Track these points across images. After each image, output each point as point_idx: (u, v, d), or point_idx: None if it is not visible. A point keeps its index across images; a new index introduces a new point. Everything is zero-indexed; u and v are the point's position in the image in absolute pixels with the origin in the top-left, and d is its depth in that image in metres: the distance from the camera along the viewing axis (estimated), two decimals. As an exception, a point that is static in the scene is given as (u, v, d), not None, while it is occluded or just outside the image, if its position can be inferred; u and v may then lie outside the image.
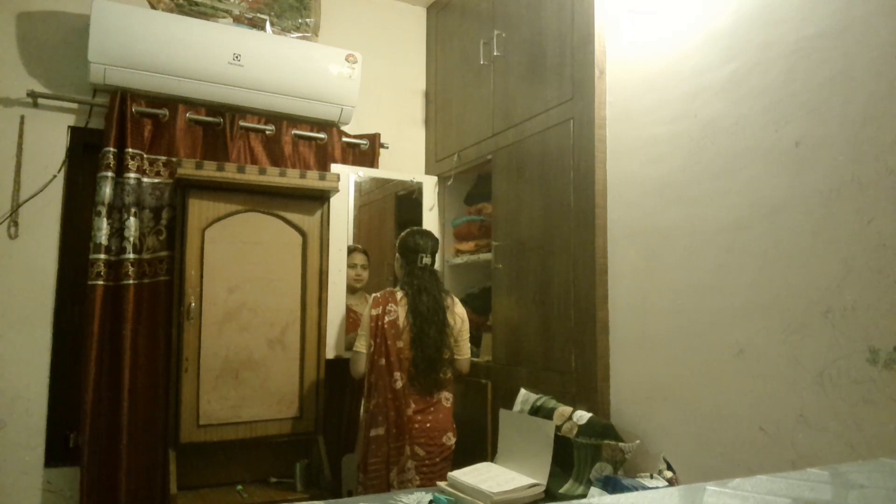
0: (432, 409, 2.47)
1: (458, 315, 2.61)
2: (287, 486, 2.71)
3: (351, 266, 3.09)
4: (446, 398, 2.52)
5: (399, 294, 2.55)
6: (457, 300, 2.67)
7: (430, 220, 3.30)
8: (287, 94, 2.99)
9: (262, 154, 3.04)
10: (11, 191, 2.66)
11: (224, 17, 3.04)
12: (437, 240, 2.70)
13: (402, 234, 2.69)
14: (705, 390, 1.85)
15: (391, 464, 2.39)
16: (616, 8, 2.28)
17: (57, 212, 2.74)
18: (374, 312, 2.51)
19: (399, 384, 2.43)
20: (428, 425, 2.44)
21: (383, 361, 2.45)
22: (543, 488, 1.99)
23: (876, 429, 1.42)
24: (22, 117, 2.70)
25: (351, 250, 3.12)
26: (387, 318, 2.49)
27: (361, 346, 2.50)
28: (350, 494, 2.93)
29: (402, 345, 2.46)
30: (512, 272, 2.68)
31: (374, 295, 2.58)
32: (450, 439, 2.48)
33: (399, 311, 2.50)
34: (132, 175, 2.72)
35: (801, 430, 1.58)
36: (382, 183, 3.33)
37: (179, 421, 2.56)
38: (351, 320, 3.03)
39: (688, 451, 1.90)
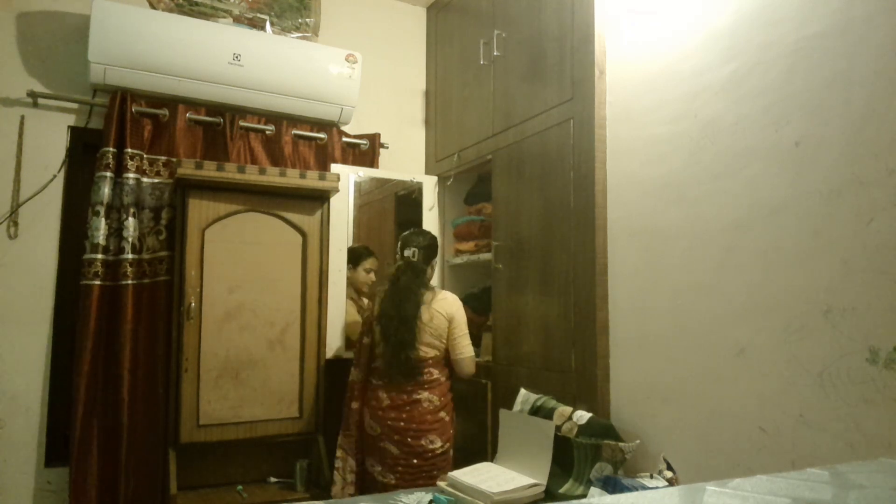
0: (407, 407, 2.42)
1: (438, 311, 2.51)
2: (287, 486, 2.71)
3: (367, 271, 3.07)
4: (428, 399, 2.43)
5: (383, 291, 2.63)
6: (442, 296, 2.57)
7: (430, 220, 3.30)
8: (287, 94, 2.99)
9: (262, 154, 3.04)
10: (11, 191, 2.66)
11: (224, 17, 3.04)
12: (428, 235, 2.68)
13: (426, 239, 2.69)
14: (705, 390, 1.85)
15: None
16: (616, 8, 2.28)
17: (57, 212, 2.74)
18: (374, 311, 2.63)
19: (357, 377, 2.58)
20: (401, 424, 2.39)
21: (359, 355, 2.61)
22: (543, 488, 1.99)
23: (876, 429, 1.42)
24: (22, 117, 2.70)
25: (366, 254, 3.09)
26: (368, 315, 2.64)
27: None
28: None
29: (367, 340, 2.58)
30: (512, 272, 2.68)
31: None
32: (433, 443, 2.39)
33: (376, 307, 2.60)
34: (131, 175, 2.71)
35: (801, 430, 1.58)
36: (382, 183, 3.33)
37: (179, 421, 2.56)
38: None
39: (688, 451, 1.90)
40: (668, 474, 1.89)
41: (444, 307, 2.53)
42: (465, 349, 2.52)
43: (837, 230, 1.53)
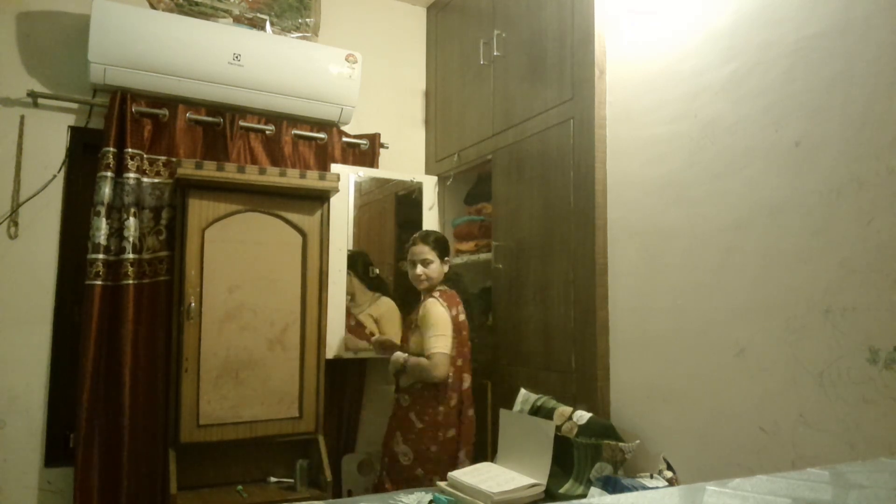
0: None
1: None
2: (287, 486, 2.71)
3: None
4: None
5: (455, 294, 2.58)
6: None
7: (430, 220, 3.30)
8: (287, 94, 2.99)
9: (262, 154, 3.04)
10: (11, 191, 2.66)
11: (224, 17, 3.04)
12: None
13: (434, 233, 2.65)
14: (705, 390, 1.85)
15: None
16: (616, 8, 2.28)
17: (57, 212, 2.74)
18: (453, 312, 2.49)
19: (466, 384, 2.50)
20: None
21: (460, 362, 2.48)
22: (543, 488, 1.99)
23: (876, 429, 1.42)
24: (22, 117, 2.70)
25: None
26: (461, 318, 2.53)
27: (448, 346, 2.40)
28: (350, 494, 2.94)
29: (469, 346, 2.55)
30: (512, 272, 2.68)
31: (436, 295, 2.50)
32: None
33: (462, 311, 2.55)
34: (132, 175, 2.71)
35: (801, 430, 1.58)
36: (382, 183, 3.33)
37: (179, 421, 2.55)
38: (351, 326, 3.03)
39: (688, 451, 1.90)
40: (668, 474, 1.89)
41: None
42: None
43: (837, 230, 1.53)
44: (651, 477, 1.90)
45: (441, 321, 2.42)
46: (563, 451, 2.04)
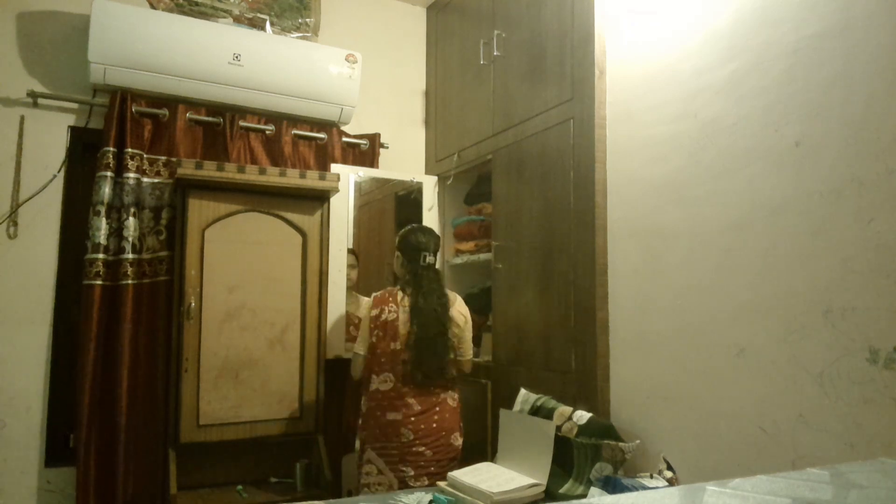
0: (437, 408, 2.41)
1: (462, 315, 2.53)
2: (287, 486, 2.71)
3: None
4: (452, 398, 2.46)
5: (400, 294, 2.47)
6: (459, 299, 2.58)
7: (430, 220, 3.30)
8: (287, 94, 2.99)
9: (262, 154, 3.04)
10: (11, 191, 2.66)
11: (224, 17, 3.04)
12: (438, 237, 2.62)
13: (403, 230, 2.61)
14: (705, 390, 1.85)
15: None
16: (616, 8, 2.28)
17: (57, 212, 2.74)
18: (373, 313, 2.45)
19: (388, 385, 2.40)
20: (434, 426, 2.39)
21: (383, 360, 2.41)
22: (543, 488, 1.99)
23: (876, 429, 1.42)
24: (22, 117, 2.70)
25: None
26: (383, 318, 2.43)
27: (360, 347, 2.46)
28: (350, 494, 2.94)
29: (399, 346, 2.40)
30: (512, 272, 2.68)
31: (374, 294, 2.52)
32: (457, 440, 2.43)
33: (399, 311, 2.43)
34: (132, 175, 2.71)
35: (801, 430, 1.58)
36: (382, 183, 3.33)
37: (179, 421, 2.56)
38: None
39: (688, 451, 1.90)
40: (668, 474, 1.89)
41: (462, 310, 2.55)
42: (470, 350, 2.56)
43: (837, 230, 1.53)
44: (651, 477, 1.90)
45: (363, 322, 2.51)
46: (563, 451, 2.04)
